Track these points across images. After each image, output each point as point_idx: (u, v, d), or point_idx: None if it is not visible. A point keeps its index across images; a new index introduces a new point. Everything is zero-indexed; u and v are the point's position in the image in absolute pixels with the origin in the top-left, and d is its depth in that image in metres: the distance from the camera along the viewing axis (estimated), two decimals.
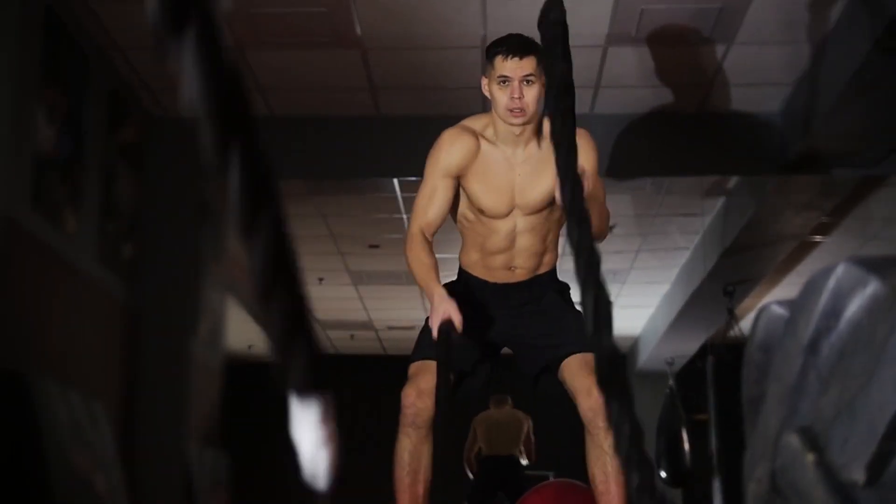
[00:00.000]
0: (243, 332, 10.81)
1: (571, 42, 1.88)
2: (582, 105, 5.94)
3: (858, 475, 2.00)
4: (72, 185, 4.87)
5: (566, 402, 2.99)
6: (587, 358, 2.87)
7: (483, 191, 2.95)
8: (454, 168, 2.93)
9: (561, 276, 3.11)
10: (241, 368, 11.27)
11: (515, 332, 3.04)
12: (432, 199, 2.94)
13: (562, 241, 3.10)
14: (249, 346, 11.82)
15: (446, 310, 2.79)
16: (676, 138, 6.09)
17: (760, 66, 5.47)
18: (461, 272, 3.13)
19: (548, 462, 8.93)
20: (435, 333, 2.79)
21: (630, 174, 6.46)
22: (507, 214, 2.97)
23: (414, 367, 2.95)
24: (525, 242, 2.99)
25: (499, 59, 2.88)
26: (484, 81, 2.95)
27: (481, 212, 2.98)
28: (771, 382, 2.50)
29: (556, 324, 2.99)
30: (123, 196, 5.62)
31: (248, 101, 0.70)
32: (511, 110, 2.86)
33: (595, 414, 2.77)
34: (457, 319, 2.78)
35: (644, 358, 11.22)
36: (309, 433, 0.75)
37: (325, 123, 6.03)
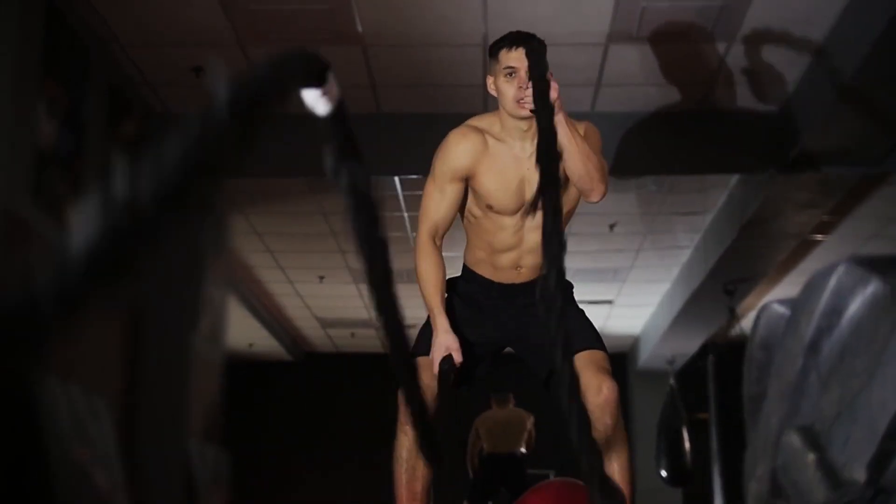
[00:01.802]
0: (244, 330, 10.82)
1: (573, 40, 1.84)
2: (583, 103, 5.93)
3: (859, 474, 1.99)
4: (72, 179, 4.87)
5: None
6: (594, 355, 2.87)
7: (493, 188, 2.91)
8: (462, 170, 2.91)
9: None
10: (241, 366, 11.28)
11: (521, 332, 3.02)
12: (441, 202, 2.92)
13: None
14: (250, 345, 11.83)
15: (448, 346, 2.82)
16: (678, 136, 6.08)
17: (762, 64, 5.46)
18: (465, 270, 3.10)
19: (548, 461, 8.93)
20: (435, 369, 2.81)
21: (631, 172, 6.46)
22: (517, 211, 2.93)
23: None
24: (533, 240, 2.95)
25: (503, 52, 2.85)
26: (489, 80, 2.92)
27: (490, 208, 2.94)
28: (772, 381, 2.49)
29: None
30: None
31: None
32: (519, 101, 2.82)
33: (602, 411, 2.77)
34: (457, 357, 2.81)
35: (645, 357, 11.22)
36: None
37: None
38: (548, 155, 1.41)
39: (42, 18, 4.55)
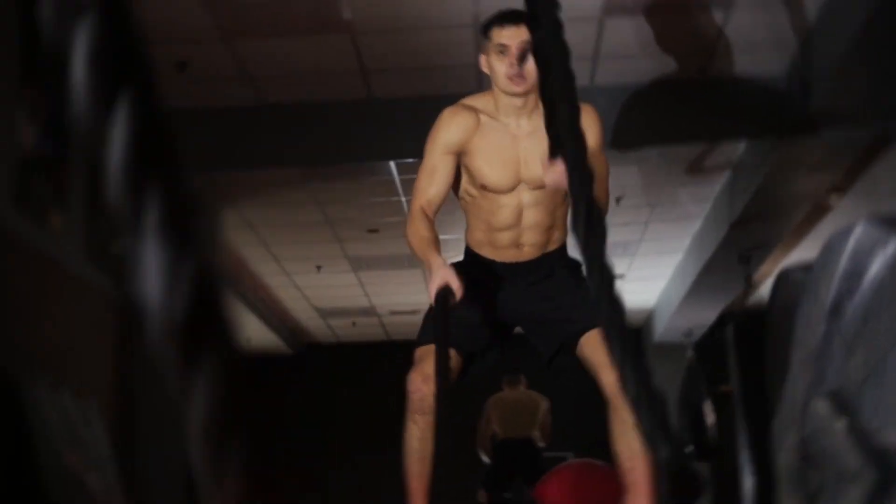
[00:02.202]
0: (240, 327, 10.77)
1: (567, 14, 1.63)
2: (581, 77, 5.78)
3: (895, 438, 1.86)
4: (56, 183, 4.80)
5: (583, 381, 2.92)
6: None
7: (487, 166, 2.91)
8: (454, 145, 2.90)
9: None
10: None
11: (526, 310, 3.02)
12: (433, 177, 2.91)
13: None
14: (247, 340, 11.78)
15: (443, 276, 2.74)
16: (680, 106, 5.99)
17: (763, 29, 5.35)
18: (468, 252, 3.08)
19: (566, 442, 8.83)
20: (432, 298, 2.75)
21: (635, 145, 6.34)
22: (513, 189, 2.91)
23: (420, 352, 2.90)
24: (533, 218, 2.94)
25: (496, 30, 2.87)
26: (482, 59, 2.93)
27: (484, 187, 2.93)
28: (795, 349, 2.36)
29: (569, 300, 2.96)
30: None
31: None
32: (511, 78, 2.83)
33: (619, 389, 2.68)
34: (455, 285, 2.73)
35: (660, 330, 11.11)
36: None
37: (317, 109, 5.98)
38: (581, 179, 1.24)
39: (17, 16, 4.47)
